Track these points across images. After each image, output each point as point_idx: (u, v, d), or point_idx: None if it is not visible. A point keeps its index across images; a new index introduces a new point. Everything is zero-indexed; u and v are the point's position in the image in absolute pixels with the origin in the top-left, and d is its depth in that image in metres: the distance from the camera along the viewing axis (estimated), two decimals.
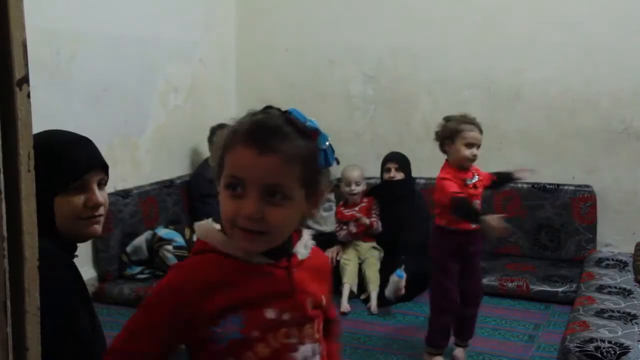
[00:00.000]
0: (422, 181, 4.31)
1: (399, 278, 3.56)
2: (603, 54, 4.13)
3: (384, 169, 4.05)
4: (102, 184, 1.56)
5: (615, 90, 4.13)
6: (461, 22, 4.43)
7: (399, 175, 3.98)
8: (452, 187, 2.74)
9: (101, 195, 1.54)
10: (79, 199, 1.50)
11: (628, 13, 4.05)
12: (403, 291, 3.60)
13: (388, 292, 3.62)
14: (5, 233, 1.21)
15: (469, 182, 2.81)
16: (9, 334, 1.11)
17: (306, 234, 1.24)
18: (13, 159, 1.25)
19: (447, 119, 2.85)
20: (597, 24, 4.11)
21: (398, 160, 4.03)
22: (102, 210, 1.55)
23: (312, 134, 1.13)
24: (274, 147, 1.07)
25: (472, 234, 2.81)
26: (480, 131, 2.79)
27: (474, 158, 2.79)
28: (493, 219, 2.58)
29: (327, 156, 1.14)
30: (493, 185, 3.04)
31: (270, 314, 1.13)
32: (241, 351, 1.11)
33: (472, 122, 2.80)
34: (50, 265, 1.20)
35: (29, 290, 1.14)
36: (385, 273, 3.75)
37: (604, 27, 4.10)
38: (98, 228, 1.55)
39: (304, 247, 1.21)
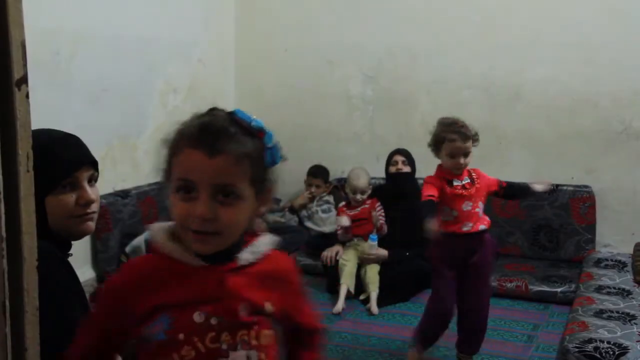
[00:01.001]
0: (422, 182, 4.30)
1: (372, 242, 3.78)
2: (603, 54, 4.13)
3: (391, 162, 4.04)
4: (92, 180, 1.54)
5: (614, 90, 4.12)
6: (461, 22, 4.43)
7: (406, 169, 3.98)
8: (428, 190, 2.70)
9: (92, 192, 1.52)
10: (71, 197, 1.48)
11: (628, 13, 4.05)
12: (373, 254, 3.78)
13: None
14: (4, 233, 1.21)
15: (455, 183, 2.72)
16: (7, 334, 1.10)
17: (264, 238, 1.23)
18: (12, 160, 1.25)
19: (439, 123, 2.75)
20: (597, 24, 4.11)
21: (406, 154, 4.03)
22: (94, 207, 1.53)
23: (258, 134, 1.14)
24: (222, 148, 1.09)
25: (465, 239, 2.73)
26: (467, 138, 2.66)
27: (458, 166, 2.69)
28: (431, 223, 2.53)
29: (274, 154, 1.16)
30: (504, 194, 2.89)
31: (198, 317, 1.14)
32: (167, 352, 1.12)
33: (456, 130, 2.67)
34: (47, 265, 1.19)
35: (28, 291, 1.14)
36: (386, 274, 3.75)
37: (604, 27, 4.10)
38: (91, 225, 1.53)
39: (250, 252, 1.19)
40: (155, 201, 4.14)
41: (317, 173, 4.66)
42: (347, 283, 3.72)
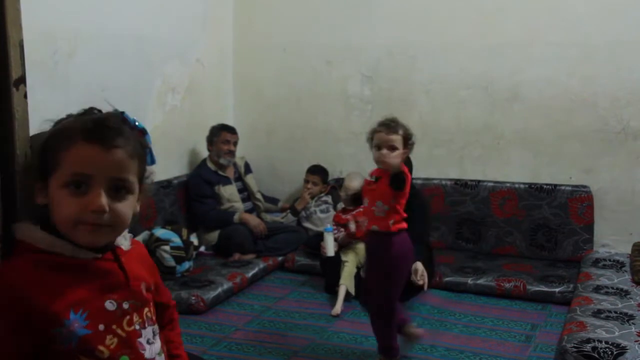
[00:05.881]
0: (419, 182, 4.31)
1: (327, 232, 3.86)
2: (601, 54, 4.13)
3: None
4: None
5: (612, 90, 4.13)
6: (459, 23, 4.43)
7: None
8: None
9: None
10: None
11: (626, 13, 4.05)
12: (332, 247, 3.82)
13: (329, 250, 3.84)
14: (0, 232, 1.20)
15: (369, 179, 2.83)
16: None
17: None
18: (10, 159, 1.24)
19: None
20: (595, 25, 4.12)
21: None
22: None
23: (140, 134, 1.24)
24: (118, 144, 1.15)
25: (367, 235, 2.86)
26: (392, 131, 2.72)
27: (381, 158, 2.69)
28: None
29: (152, 155, 1.26)
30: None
31: (110, 305, 1.18)
32: (92, 346, 1.13)
33: (385, 122, 2.75)
34: None
35: None
36: None
37: (601, 28, 4.10)
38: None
39: (124, 238, 1.28)
40: (153, 201, 4.13)
41: (315, 170, 4.66)
42: (346, 284, 3.71)
